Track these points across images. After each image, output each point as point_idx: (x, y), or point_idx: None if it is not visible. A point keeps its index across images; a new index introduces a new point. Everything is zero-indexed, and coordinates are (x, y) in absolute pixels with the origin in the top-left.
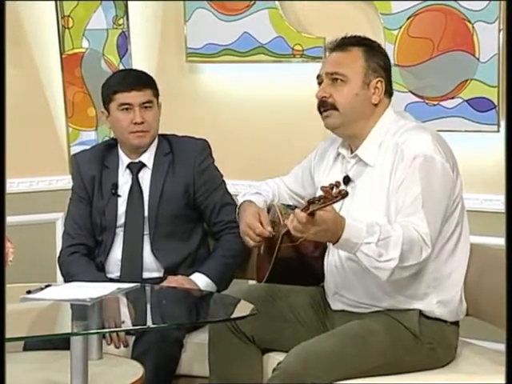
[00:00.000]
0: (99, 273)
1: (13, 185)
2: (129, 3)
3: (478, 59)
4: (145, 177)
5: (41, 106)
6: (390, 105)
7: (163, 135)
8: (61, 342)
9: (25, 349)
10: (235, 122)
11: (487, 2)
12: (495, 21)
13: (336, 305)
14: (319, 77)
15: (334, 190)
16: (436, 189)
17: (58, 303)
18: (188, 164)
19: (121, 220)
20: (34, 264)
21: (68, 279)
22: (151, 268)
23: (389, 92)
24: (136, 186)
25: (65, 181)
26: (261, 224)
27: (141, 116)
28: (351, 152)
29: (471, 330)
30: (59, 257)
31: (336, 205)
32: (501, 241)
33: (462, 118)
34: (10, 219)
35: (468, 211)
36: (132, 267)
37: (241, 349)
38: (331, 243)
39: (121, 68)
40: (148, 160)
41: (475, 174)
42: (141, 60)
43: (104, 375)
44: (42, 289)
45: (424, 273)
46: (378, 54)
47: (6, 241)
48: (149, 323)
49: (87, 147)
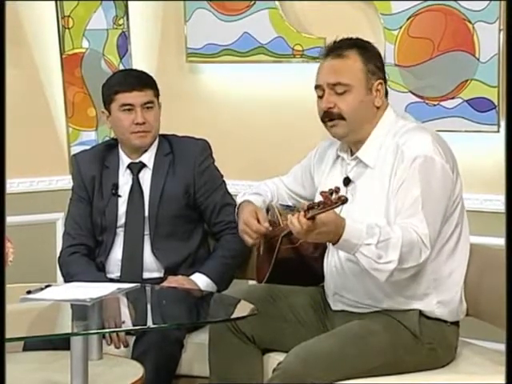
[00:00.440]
0: (99, 273)
1: (13, 185)
2: (129, 3)
3: (478, 59)
4: (145, 177)
5: (41, 106)
6: (389, 105)
7: (164, 135)
8: (61, 342)
9: (25, 349)
10: (235, 122)
11: (487, 2)
12: (495, 21)
13: (336, 305)
14: (319, 87)
15: (334, 196)
16: (436, 190)
17: (58, 303)
18: (188, 164)
19: (121, 220)
20: (34, 264)
21: (68, 279)
22: (151, 268)
23: (386, 91)
24: (136, 187)
25: (65, 181)
26: (258, 221)
27: (142, 116)
28: (351, 154)
29: (471, 330)
30: (59, 257)
31: (337, 208)
32: (501, 241)
33: (462, 118)
34: (10, 219)
35: (468, 211)
36: (132, 267)
37: (241, 349)
38: (331, 243)
39: (121, 68)
40: (148, 160)
41: (475, 174)
42: (141, 60)
43: (104, 375)
44: (42, 289)
45: (424, 273)
46: (374, 55)
47: (6, 241)
48: (149, 323)
49: (87, 147)
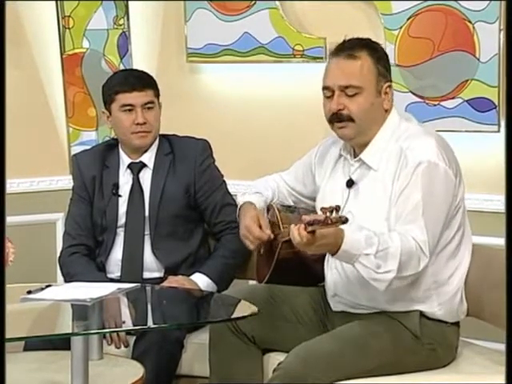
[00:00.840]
0: (100, 273)
1: (13, 185)
2: (129, 3)
3: (479, 59)
4: (145, 177)
5: (41, 106)
6: (394, 107)
7: (164, 135)
8: (61, 343)
9: (25, 349)
10: (235, 122)
11: (487, 2)
12: (495, 21)
13: (336, 306)
14: (328, 88)
15: (334, 215)
16: (437, 196)
17: (59, 303)
18: (189, 164)
19: (121, 220)
20: (35, 264)
21: (68, 279)
22: (152, 268)
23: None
24: (137, 186)
25: (65, 181)
26: (260, 227)
27: (143, 117)
28: (354, 155)
29: (472, 330)
30: (60, 257)
31: None
32: (501, 241)
33: (463, 118)
34: (10, 219)
35: (468, 211)
36: (132, 267)
37: (241, 349)
38: (330, 254)
39: (121, 68)
40: (149, 160)
41: (475, 174)
42: (141, 60)
43: (104, 375)
44: (43, 289)
45: (424, 276)
46: (383, 57)
47: (7, 241)
48: (149, 323)
49: (88, 147)
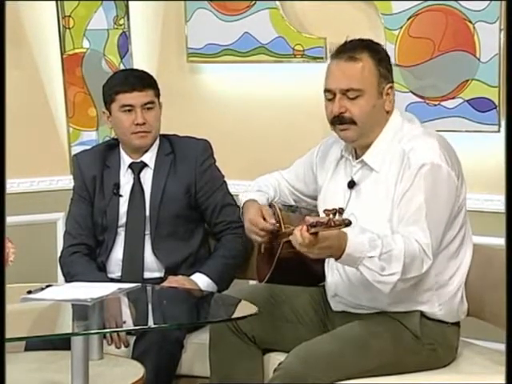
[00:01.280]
0: (100, 273)
1: (13, 185)
2: (129, 3)
3: (479, 59)
4: (146, 177)
5: (41, 106)
6: (395, 108)
7: (165, 135)
8: (61, 343)
9: (26, 349)
10: (236, 122)
11: (488, 2)
12: (496, 21)
13: (337, 306)
14: (329, 92)
15: (337, 217)
16: (440, 197)
17: (59, 303)
18: (190, 164)
19: (122, 220)
20: (35, 264)
21: (69, 279)
22: (152, 268)
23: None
24: (138, 186)
25: (65, 181)
26: (264, 219)
27: (142, 117)
28: (356, 156)
29: (472, 331)
30: (60, 256)
31: None
32: (501, 241)
33: (463, 118)
34: (11, 219)
35: (469, 211)
36: (133, 267)
37: (241, 349)
38: (334, 259)
39: (122, 68)
40: (150, 160)
41: (476, 174)
42: (141, 60)
43: (105, 375)
44: (43, 289)
45: (426, 277)
46: (384, 58)
47: (7, 241)
48: (150, 323)
49: (88, 147)
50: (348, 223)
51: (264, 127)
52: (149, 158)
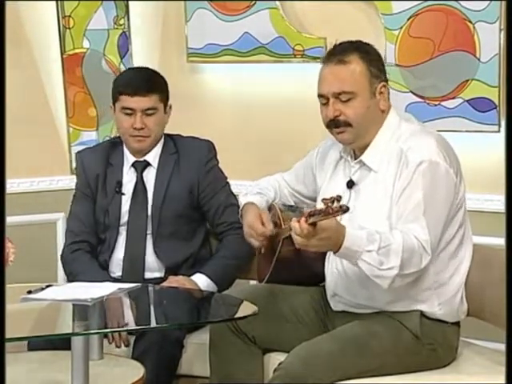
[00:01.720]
0: (102, 271)
1: (13, 185)
2: (130, 3)
3: (479, 59)
4: (149, 176)
5: (41, 106)
6: (392, 107)
7: (169, 135)
8: (62, 343)
9: (29, 349)
10: (236, 123)
11: (488, 2)
12: (496, 21)
13: (337, 305)
14: (323, 96)
15: (335, 204)
16: (439, 195)
17: (59, 303)
18: (193, 164)
19: (124, 218)
20: (35, 264)
21: (70, 276)
22: (153, 268)
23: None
24: (140, 185)
25: (65, 181)
26: (262, 224)
27: (141, 122)
28: (355, 157)
29: (472, 331)
30: (62, 253)
31: None
32: (501, 241)
33: (463, 118)
34: (11, 219)
35: (469, 211)
36: (134, 267)
37: (242, 349)
38: (333, 252)
39: (122, 68)
40: (153, 159)
41: (476, 174)
42: (141, 60)
43: (105, 375)
44: (43, 289)
45: (425, 275)
46: (375, 57)
47: (7, 241)
48: (150, 323)
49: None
50: (346, 209)
51: (264, 127)
52: (152, 157)
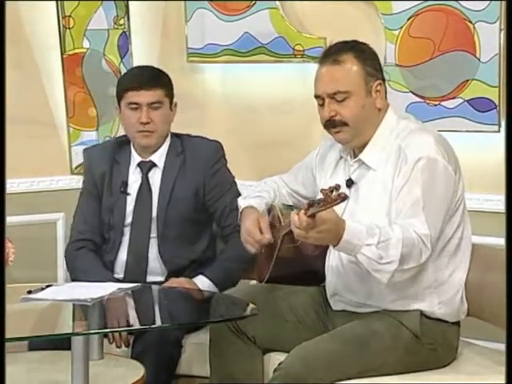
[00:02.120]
0: (105, 270)
1: (13, 185)
2: (130, 3)
3: (479, 59)
4: (155, 177)
5: (41, 106)
6: (390, 106)
7: (176, 134)
8: (61, 343)
9: (30, 349)
10: (235, 123)
11: (488, 2)
12: (496, 21)
13: (337, 305)
14: (319, 97)
15: (334, 193)
16: (438, 191)
17: (59, 303)
18: (200, 166)
19: (128, 219)
20: (35, 264)
21: (73, 274)
22: (155, 272)
23: (385, 91)
24: (146, 186)
25: (65, 181)
26: (260, 231)
27: (147, 116)
28: (354, 156)
29: (471, 330)
30: (66, 250)
31: (339, 207)
32: (501, 241)
33: (463, 118)
34: (11, 219)
35: (469, 211)
36: (136, 269)
37: (241, 349)
38: (332, 245)
39: (122, 68)
40: (159, 160)
41: (476, 174)
42: (142, 60)
43: (105, 375)
44: (43, 289)
45: (425, 274)
46: (370, 56)
47: (7, 241)
48: (150, 323)
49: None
50: (344, 197)
51: (264, 127)
52: (158, 158)
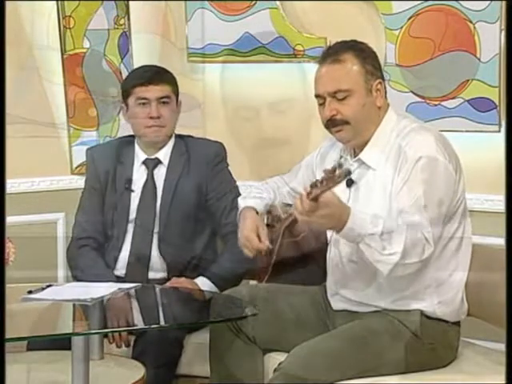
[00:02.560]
0: (106, 269)
1: (14, 185)
2: (130, 3)
3: (479, 59)
4: (160, 174)
5: (41, 106)
6: (390, 105)
7: (180, 135)
8: (62, 343)
9: (28, 349)
10: (236, 123)
11: (488, 2)
12: (496, 21)
13: (337, 304)
14: (319, 97)
15: (337, 172)
16: (438, 190)
17: (59, 303)
18: (203, 165)
19: (132, 215)
20: (35, 264)
21: (75, 272)
22: (156, 268)
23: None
24: (150, 182)
25: (66, 181)
26: (259, 238)
27: (157, 111)
28: (354, 155)
29: (471, 330)
30: (68, 247)
31: None
32: (501, 241)
33: (463, 118)
34: (11, 219)
35: (469, 211)
36: (138, 265)
37: (242, 349)
38: (335, 231)
39: (122, 68)
40: (164, 157)
41: (476, 174)
42: (142, 60)
43: (105, 375)
44: (43, 289)
45: (425, 273)
46: (370, 55)
47: (7, 241)
48: (150, 323)
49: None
50: (347, 173)
51: (264, 127)
52: (163, 155)
